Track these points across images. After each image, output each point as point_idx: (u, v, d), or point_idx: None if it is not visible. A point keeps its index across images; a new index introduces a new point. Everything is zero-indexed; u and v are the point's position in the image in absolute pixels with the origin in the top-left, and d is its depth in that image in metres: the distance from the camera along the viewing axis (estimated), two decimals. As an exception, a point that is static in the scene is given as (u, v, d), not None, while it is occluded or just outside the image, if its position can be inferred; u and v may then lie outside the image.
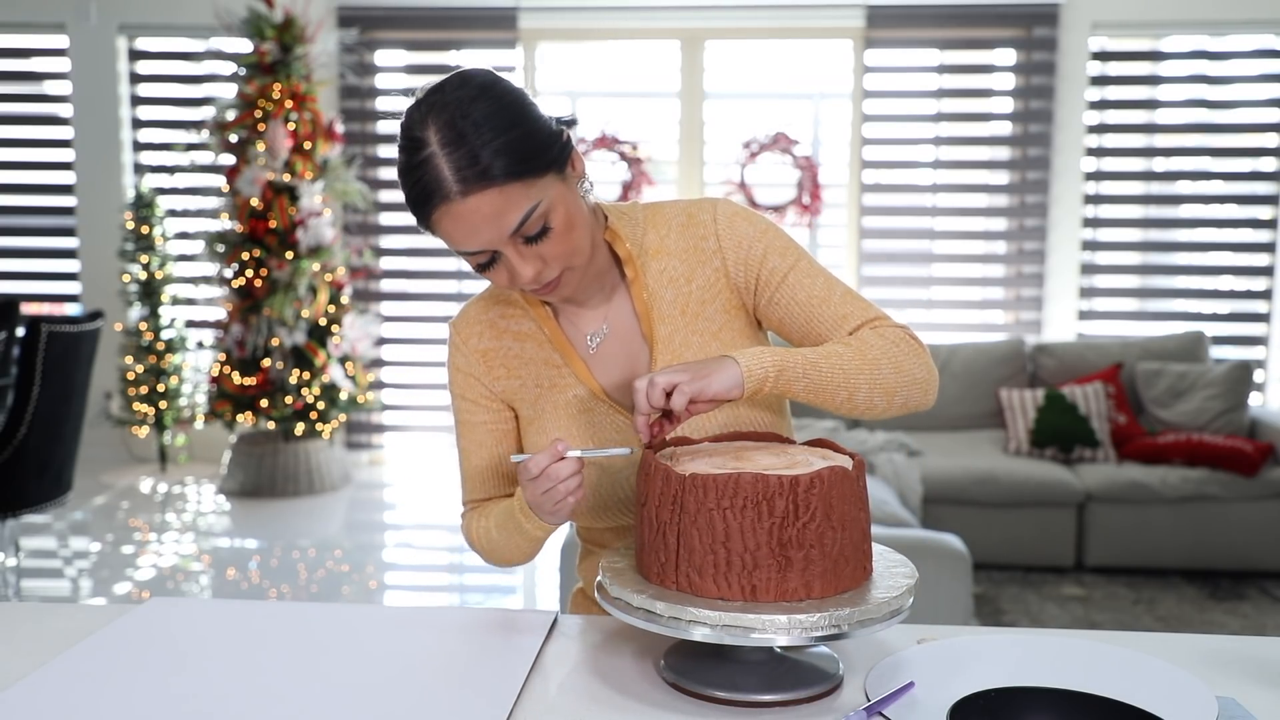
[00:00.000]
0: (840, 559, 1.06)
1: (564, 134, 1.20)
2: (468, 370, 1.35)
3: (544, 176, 1.15)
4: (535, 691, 1.11)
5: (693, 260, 1.30)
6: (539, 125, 1.16)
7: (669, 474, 1.06)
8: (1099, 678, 1.09)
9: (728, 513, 1.03)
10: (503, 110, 1.14)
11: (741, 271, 1.29)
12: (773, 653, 1.13)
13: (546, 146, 1.16)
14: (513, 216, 1.14)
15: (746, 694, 1.07)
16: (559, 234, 1.17)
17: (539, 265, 1.18)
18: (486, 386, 1.35)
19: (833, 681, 1.10)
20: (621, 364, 1.33)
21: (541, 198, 1.15)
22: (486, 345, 1.35)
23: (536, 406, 1.33)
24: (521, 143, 1.13)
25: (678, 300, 1.30)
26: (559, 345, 1.32)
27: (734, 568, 1.04)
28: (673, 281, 1.31)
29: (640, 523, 1.12)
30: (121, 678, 1.13)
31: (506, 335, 1.34)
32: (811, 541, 1.04)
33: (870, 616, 1.03)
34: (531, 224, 1.14)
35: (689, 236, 1.31)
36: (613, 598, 1.09)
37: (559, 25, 5.64)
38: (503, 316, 1.35)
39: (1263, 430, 4.50)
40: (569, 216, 1.17)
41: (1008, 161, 5.57)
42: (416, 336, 5.93)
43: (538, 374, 1.33)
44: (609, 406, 1.31)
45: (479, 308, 1.37)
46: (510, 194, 1.12)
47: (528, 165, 1.13)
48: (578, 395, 1.31)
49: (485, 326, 1.35)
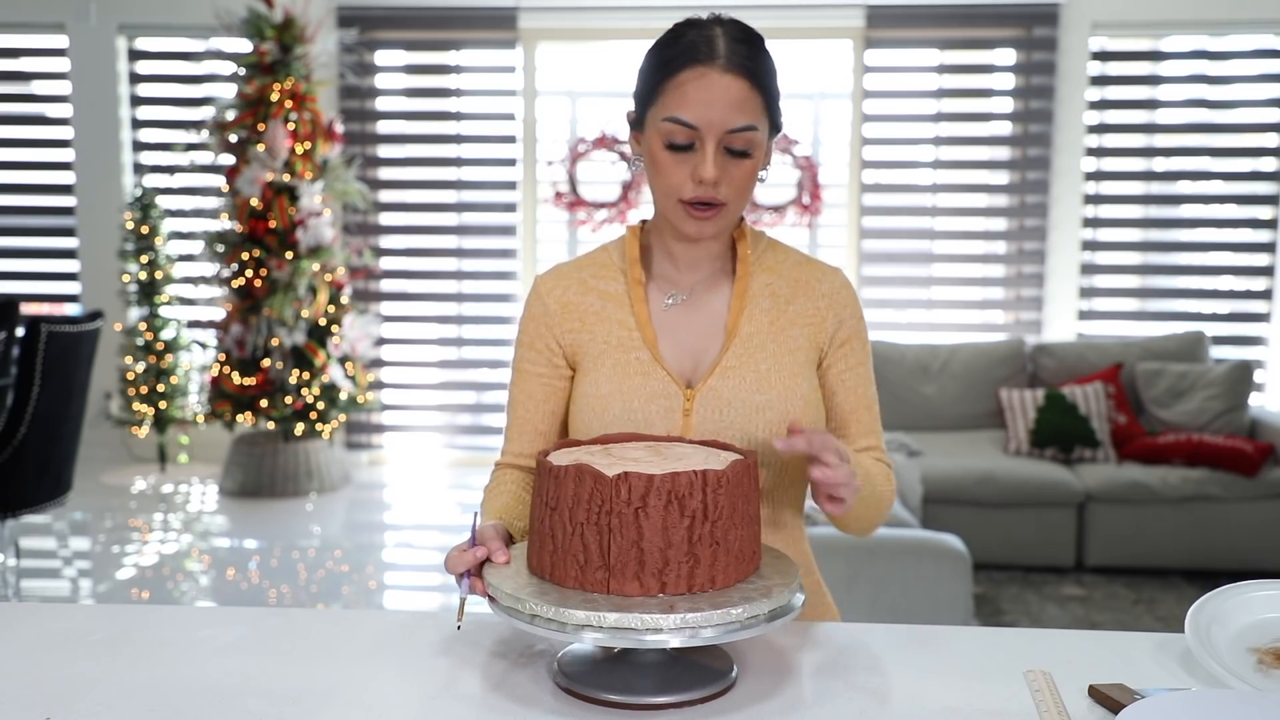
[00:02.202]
0: (741, 553, 1.08)
1: (781, 125, 1.35)
2: (543, 318, 1.42)
3: (769, 123, 1.30)
4: (425, 698, 1.10)
5: (799, 292, 1.39)
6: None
7: (596, 475, 1.04)
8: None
9: (650, 511, 1.03)
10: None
11: (831, 329, 1.39)
12: (666, 654, 1.12)
13: (779, 112, 1.33)
14: (741, 117, 1.26)
15: (641, 696, 1.06)
16: (747, 171, 1.29)
17: (721, 173, 1.27)
18: (556, 339, 1.41)
19: (727, 681, 1.10)
20: (688, 341, 1.38)
21: (760, 130, 1.28)
22: (570, 299, 1.41)
23: (598, 361, 1.38)
24: (777, 87, 1.31)
25: (771, 311, 1.38)
26: (637, 309, 1.38)
27: (648, 567, 1.03)
28: (774, 296, 1.39)
29: (548, 526, 1.08)
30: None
31: (592, 293, 1.41)
32: (719, 538, 1.05)
33: (757, 614, 1.03)
34: (744, 137, 1.26)
35: (804, 274, 1.41)
36: (505, 606, 1.07)
37: (559, 25, 5.64)
38: (594, 276, 1.42)
39: (1263, 430, 4.50)
40: (755, 168, 1.30)
41: (1008, 161, 5.57)
42: (416, 336, 5.94)
43: (609, 332, 1.38)
44: (665, 374, 1.35)
45: (572, 266, 1.44)
46: (752, 103, 1.26)
47: (772, 102, 1.30)
48: (639, 358, 1.36)
49: (573, 282, 1.42)
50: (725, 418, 1.33)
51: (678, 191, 1.29)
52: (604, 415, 1.34)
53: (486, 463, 5.89)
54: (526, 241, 5.81)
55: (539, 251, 5.85)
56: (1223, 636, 1.17)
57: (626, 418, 1.33)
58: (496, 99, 5.70)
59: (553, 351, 1.41)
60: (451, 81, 5.76)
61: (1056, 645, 1.24)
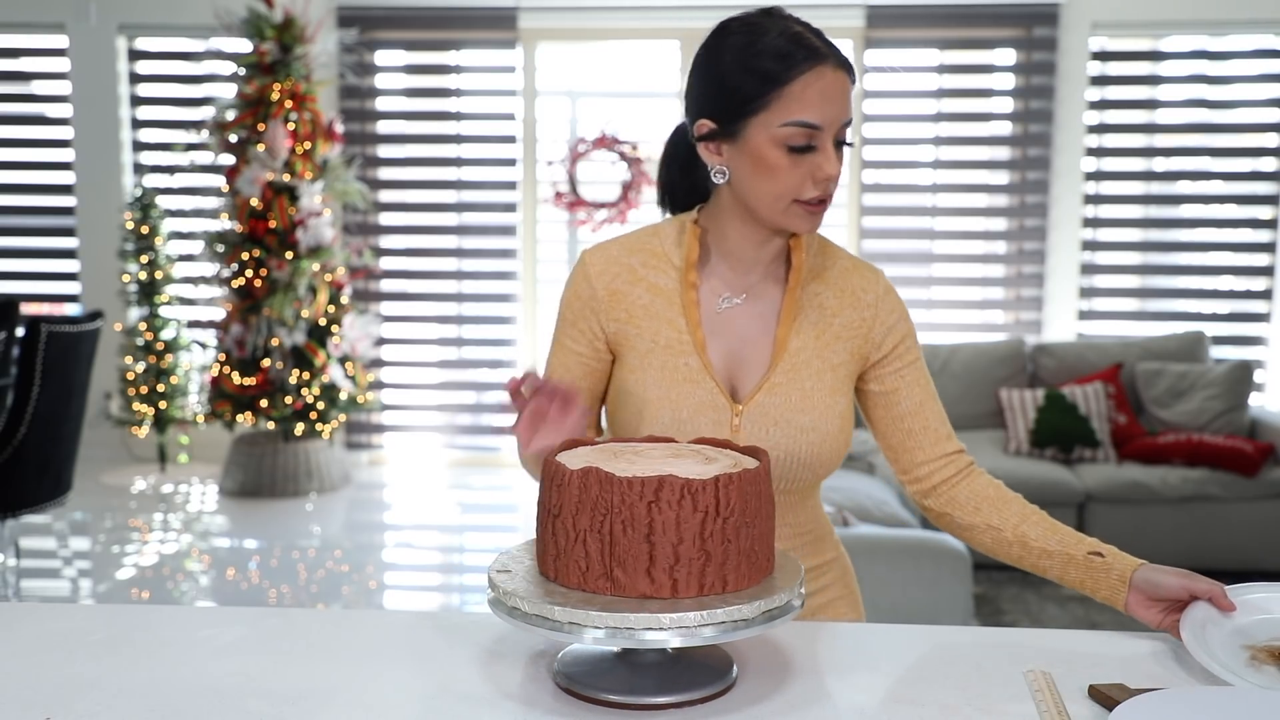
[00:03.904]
0: (753, 552, 1.07)
1: None
2: (589, 300, 1.39)
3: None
4: (424, 696, 1.10)
5: (845, 304, 1.39)
6: None
7: (603, 478, 1.04)
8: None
9: (664, 505, 1.02)
10: None
11: (879, 335, 1.40)
12: (666, 654, 1.12)
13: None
14: (849, 111, 1.28)
15: (641, 696, 1.06)
16: (842, 160, 1.29)
17: (838, 168, 1.27)
18: (600, 324, 1.38)
19: (727, 681, 1.10)
20: (734, 348, 1.37)
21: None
22: (618, 287, 1.38)
23: (644, 359, 1.36)
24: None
25: (819, 324, 1.38)
26: (689, 311, 1.36)
27: (659, 562, 1.03)
28: (821, 308, 1.39)
29: (550, 532, 1.08)
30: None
31: (641, 284, 1.38)
32: (730, 535, 1.04)
33: (757, 614, 1.03)
34: (848, 129, 1.28)
35: (852, 281, 1.41)
36: (505, 606, 1.06)
37: (559, 25, 5.64)
38: (644, 265, 1.38)
39: (1263, 430, 4.50)
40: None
41: (1008, 161, 5.57)
42: (416, 336, 5.94)
43: (656, 330, 1.36)
44: (714, 385, 1.34)
45: (621, 249, 1.40)
46: (850, 95, 1.29)
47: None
48: (688, 364, 1.35)
49: (623, 269, 1.38)
50: (771, 436, 1.33)
51: (795, 193, 1.27)
52: (653, 421, 1.33)
53: (487, 463, 5.90)
54: (526, 241, 5.81)
55: (539, 251, 5.85)
56: (1217, 635, 1.18)
57: (676, 428, 1.33)
58: (496, 99, 5.69)
59: (595, 335, 1.39)
60: (451, 81, 5.76)
61: (1056, 645, 1.24)
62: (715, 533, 1.03)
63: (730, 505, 1.04)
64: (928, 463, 1.41)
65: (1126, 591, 1.25)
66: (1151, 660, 1.20)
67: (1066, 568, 1.30)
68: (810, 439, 1.33)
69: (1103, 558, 1.28)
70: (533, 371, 1.19)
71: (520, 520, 5.06)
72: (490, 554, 4.53)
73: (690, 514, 1.02)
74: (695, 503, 1.02)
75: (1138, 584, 1.25)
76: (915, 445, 1.40)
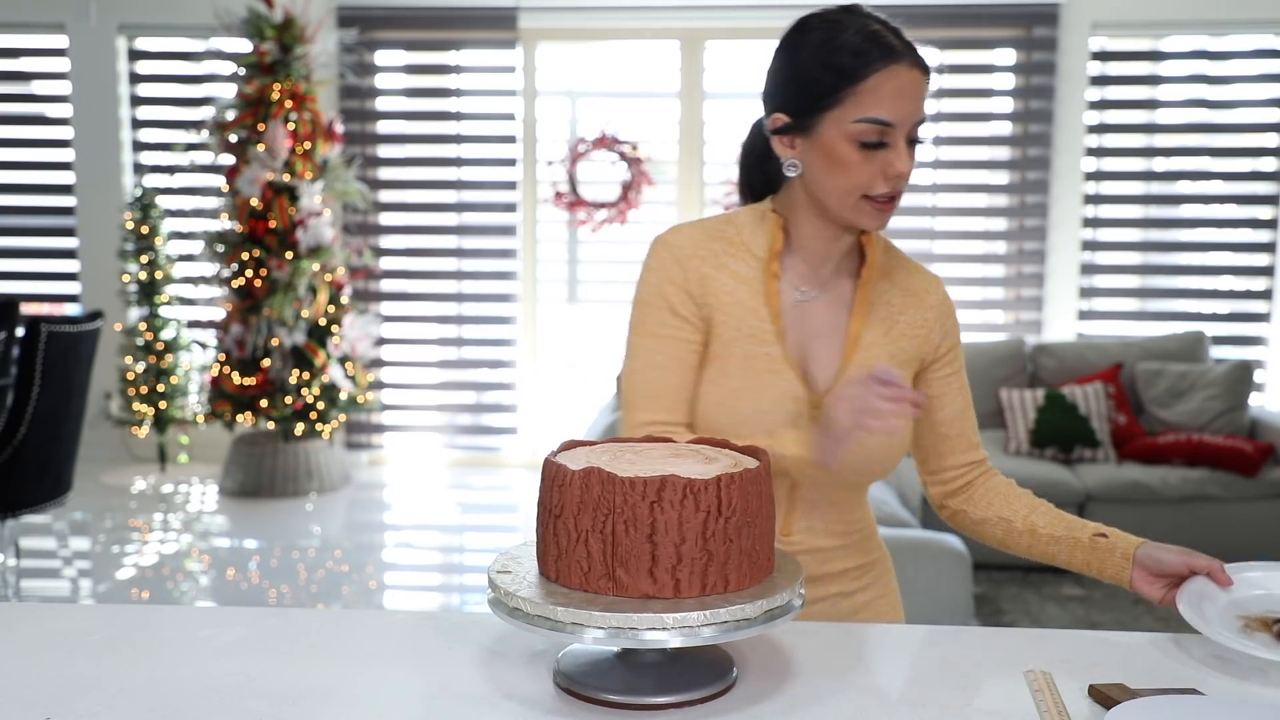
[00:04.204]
0: (754, 552, 1.07)
1: None
2: (683, 284, 1.36)
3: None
4: (424, 696, 1.10)
5: (910, 300, 1.42)
6: None
7: (605, 478, 1.04)
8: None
9: (666, 504, 1.02)
10: None
11: (937, 338, 1.42)
12: (666, 654, 1.12)
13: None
14: (922, 108, 1.30)
15: (641, 696, 1.06)
16: (914, 159, 1.30)
17: (910, 165, 1.29)
18: (698, 306, 1.36)
19: (727, 681, 1.10)
20: (808, 340, 1.38)
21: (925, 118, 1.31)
22: (706, 270, 1.36)
23: (729, 347, 1.35)
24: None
25: (886, 321, 1.40)
26: (770, 301, 1.36)
27: (661, 562, 1.03)
28: (889, 305, 1.41)
29: (551, 532, 1.08)
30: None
31: (725, 271, 1.37)
32: (732, 535, 1.04)
33: (757, 614, 1.03)
34: (921, 128, 1.30)
35: (915, 282, 1.43)
36: (506, 606, 1.06)
37: (559, 25, 5.64)
38: (725, 253, 1.38)
39: (1263, 430, 4.50)
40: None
41: (1008, 161, 5.57)
42: (416, 336, 5.93)
43: (740, 318, 1.35)
44: (794, 377, 1.35)
45: (702, 235, 1.39)
46: (925, 92, 1.30)
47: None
48: (769, 354, 1.35)
49: (708, 253, 1.37)
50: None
51: (865, 189, 1.29)
52: (735, 412, 1.33)
53: (486, 463, 5.90)
54: (526, 241, 5.81)
55: (539, 251, 5.85)
56: (1213, 608, 1.22)
57: (757, 419, 1.33)
58: (496, 99, 5.69)
59: (697, 317, 1.36)
60: (451, 81, 5.76)
61: (1056, 645, 1.24)
62: (717, 532, 1.03)
63: (732, 505, 1.04)
64: (956, 468, 1.44)
65: (1130, 568, 1.30)
66: (1152, 661, 1.20)
67: (1074, 551, 1.36)
68: (880, 439, 1.32)
69: (1106, 538, 1.34)
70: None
71: (520, 520, 5.06)
72: (490, 554, 4.53)
73: (693, 514, 1.03)
74: (698, 502, 1.02)
75: (1141, 560, 1.30)
76: (947, 450, 1.44)
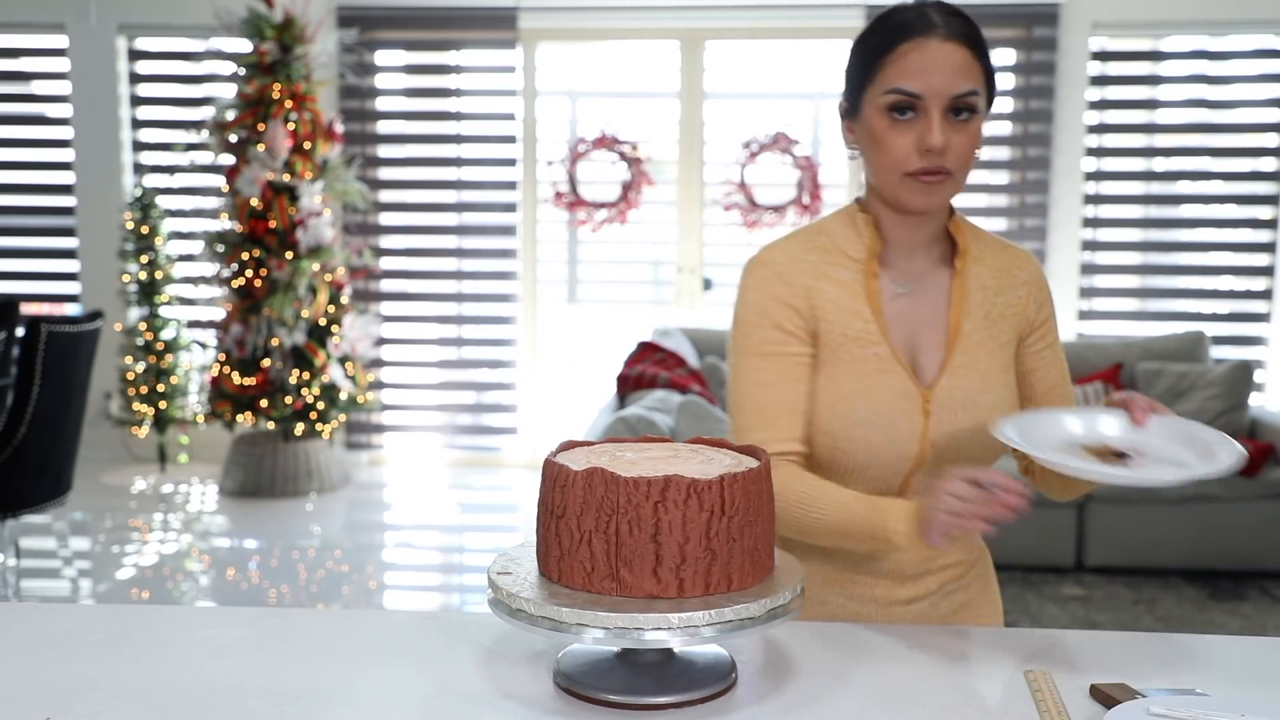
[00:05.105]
0: (756, 551, 1.07)
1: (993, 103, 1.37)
2: (788, 301, 1.36)
3: (986, 94, 1.31)
4: (424, 696, 1.10)
5: (1003, 280, 1.41)
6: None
7: (609, 479, 1.04)
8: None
9: (670, 504, 1.03)
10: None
11: (1031, 313, 1.42)
12: (667, 654, 1.12)
13: (995, 89, 1.34)
14: (965, 83, 1.28)
15: (641, 696, 1.06)
16: (971, 137, 1.29)
17: (947, 140, 1.27)
18: (806, 320, 1.36)
19: (727, 681, 1.10)
20: (911, 333, 1.38)
21: (980, 97, 1.30)
22: (809, 282, 1.37)
23: (835, 354, 1.36)
24: (991, 59, 1.33)
25: (984, 305, 1.39)
26: (871, 300, 1.36)
27: (665, 562, 1.03)
28: (984, 288, 1.40)
29: (554, 533, 1.08)
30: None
31: (826, 280, 1.37)
32: (735, 534, 1.05)
33: (757, 614, 1.03)
34: (968, 100, 1.28)
35: (1005, 261, 1.42)
36: (507, 606, 1.06)
37: (559, 25, 5.64)
38: (824, 261, 1.38)
39: (1263, 430, 4.50)
40: (978, 135, 1.31)
41: (1008, 161, 5.57)
42: (416, 336, 5.93)
43: (845, 324, 1.36)
44: (903, 372, 1.34)
45: (798, 249, 1.39)
46: (972, 70, 1.28)
47: (990, 74, 1.32)
48: (877, 354, 1.35)
49: (808, 265, 1.38)
50: (960, 419, 1.34)
51: (903, 165, 1.29)
52: (849, 416, 1.33)
53: (486, 463, 5.90)
54: (526, 241, 5.81)
55: (539, 252, 5.85)
56: (1047, 445, 1.23)
57: (872, 420, 1.32)
58: (496, 99, 5.69)
59: (806, 332, 1.36)
60: (451, 81, 5.76)
61: (1056, 645, 1.24)
62: (720, 532, 1.04)
63: (735, 504, 1.04)
64: None
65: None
66: (1152, 661, 1.20)
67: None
68: (994, 417, 1.33)
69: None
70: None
71: (520, 520, 5.06)
72: (490, 554, 4.52)
73: (696, 513, 1.03)
74: (701, 502, 1.03)
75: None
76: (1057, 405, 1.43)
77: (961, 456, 1.34)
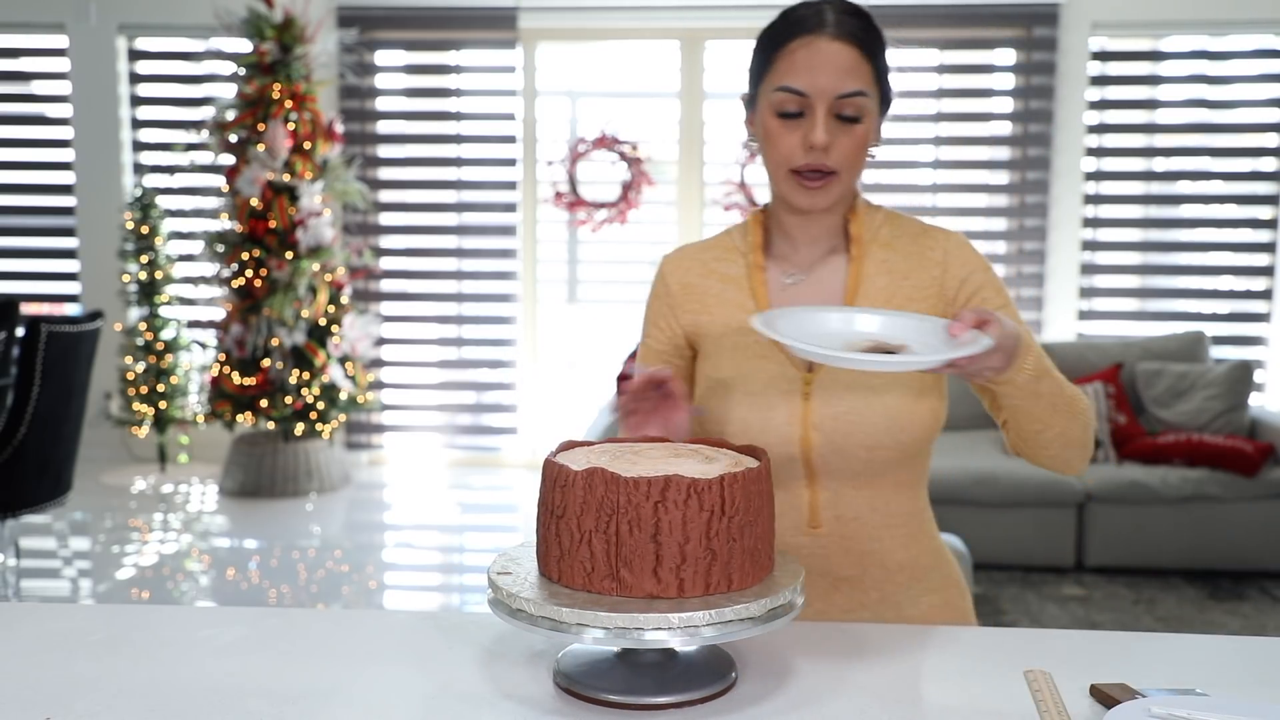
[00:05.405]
0: (755, 551, 1.07)
1: (891, 100, 1.38)
2: (665, 298, 1.48)
3: (877, 96, 1.33)
4: (424, 696, 1.10)
5: (914, 263, 1.40)
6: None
7: (609, 479, 1.04)
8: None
9: (670, 504, 1.03)
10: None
11: (954, 287, 1.38)
12: (667, 654, 1.12)
13: (889, 87, 1.36)
14: (851, 83, 1.29)
15: (641, 696, 1.06)
16: (857, 139, 1.31)
17: (832, 139, 1.29)
18: (677, 319, 1.46)
19: (727, 681, 1.10)
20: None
21: (869, 97, 1.30)
22: (690, 280, 1.46)
23: (718, 344, 1.41)
24: (887, 62, 1.34)
25: (888, 289, 1.38)
26: (757, 291, 1.41)
27: (665, 562, 1.03)
28: (890, 272, 1.39)
29: (554, 533, 1.07)
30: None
31: (712, 276, 1.44)
32: (735, 534, 1.05)
33: (757, 614, 1.03)
34: (853, 102, 1.29)
35: (919, 244, 1.41)
36: (507, 606, 1.06)
37: (559, 25, 5.64)
38: (716, 259, 1.45)
39: (1263, 430, 4.50)
40: (866, 136, 1.32)
41: (1008, 161, 5.57)
42: (416, 336, 5.93)
43: (729, 315, 1.41)
44: (782, 357, 1.36)
45: (697, 248, 1.49)
46: (861, 70, 1.30)
47: (882, 74, 1.33)
48: (758, 341, 1.38)
49: (696, 264, 1.46)
50: (844, 403, 1.33)
51: (788, 161, 1.32)
52: (726, 400, 1.37)
53: (487, 463, 5.90)
54: (526, 241, 5.81)
55: (539, 252, 5.85)
56: (823, 343, 1.17)
57: (748, 403, 1.35)
58: (496, 99, 5.69)
59: (674, 332, 1.47)
60: (451, 81, 5.76)
61: (1056, 645, 1.24)
62: (721, 531, 1.04)
63: (735, 504, 1.04)
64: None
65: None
66: (1152, 660, 1.20)
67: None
68: (886, 404, 1.32)
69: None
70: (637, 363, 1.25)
71: (520, 520, 5.06)
72: (490, 554, 4.53)
73: (696, 513, 1.03)
74: (701, 502, 1.03)
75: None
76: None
77: (853, 438, 1.33)
